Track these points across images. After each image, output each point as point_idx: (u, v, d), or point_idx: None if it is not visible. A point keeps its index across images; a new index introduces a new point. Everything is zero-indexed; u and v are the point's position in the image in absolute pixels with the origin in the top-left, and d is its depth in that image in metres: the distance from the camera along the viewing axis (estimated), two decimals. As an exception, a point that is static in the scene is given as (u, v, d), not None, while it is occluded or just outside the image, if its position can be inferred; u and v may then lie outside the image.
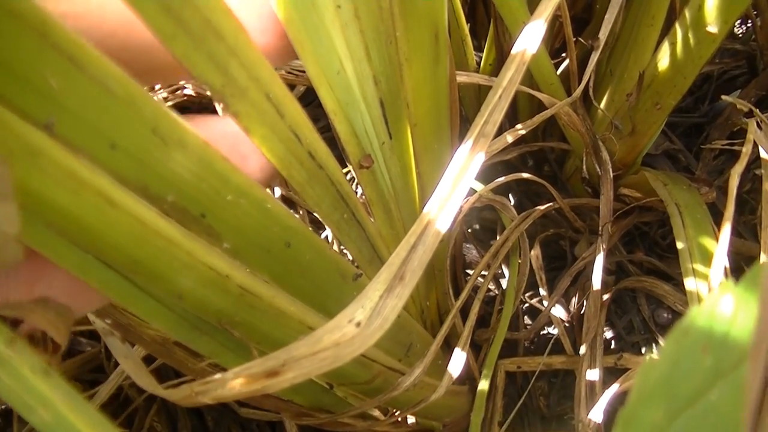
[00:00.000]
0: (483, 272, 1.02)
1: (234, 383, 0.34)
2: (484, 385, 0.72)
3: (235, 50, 0.32)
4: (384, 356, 0.54)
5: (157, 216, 0.32)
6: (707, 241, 0.77)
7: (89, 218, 0.30)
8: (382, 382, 0.55)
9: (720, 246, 0.65)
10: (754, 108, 0.85)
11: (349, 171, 0.96)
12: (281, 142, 0.38)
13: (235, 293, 0.38)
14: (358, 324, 0.32)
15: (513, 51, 0.40)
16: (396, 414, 0.62)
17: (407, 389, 0.54)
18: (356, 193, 0.57)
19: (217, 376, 0.34)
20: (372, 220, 0.56)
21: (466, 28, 0.92)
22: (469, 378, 0.84)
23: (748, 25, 1.21)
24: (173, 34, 0.29)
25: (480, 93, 1.03)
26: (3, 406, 0.81)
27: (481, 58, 1.01)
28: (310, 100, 1.17)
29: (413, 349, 0.60)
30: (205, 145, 0.34)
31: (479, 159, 0.37)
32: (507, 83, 0.39)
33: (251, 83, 0.34)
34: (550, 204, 0.90)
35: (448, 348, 0.75)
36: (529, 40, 0.40)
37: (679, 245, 0.77)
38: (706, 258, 0.74)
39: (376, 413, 0.72)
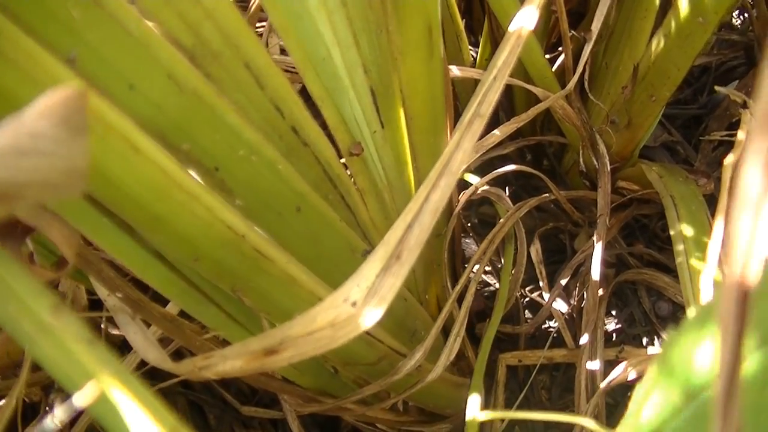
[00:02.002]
0: (485, 268, 1.02)
1: (234, 360, 0.34)
2: (479, 371, 0.72)
3: (212, 14, 0.33)
4: (390, 338, 0.54)
5: (178, 167, 0.33)
6: (701, 233, 0.77)
7: (113, 166, 0.30)
8: (387, 365, 0.55)
9: (714, 236, 0.65)
10: (748, 99, 0.85)
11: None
12: (258, 112, 0.39)
13: (250, 256, 0.38)
14: (354, 304, 0.31)
15: (509, 30, 0.40)
16: (396, 397, 0.62)
17: (409, 372, 0.55)
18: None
19: (218, 351, 0.34)
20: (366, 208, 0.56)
21: (461, 23, 0.93)
22: (471, 371, 0.84)
23: (746, 15, 1.21)
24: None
25: (475, 89, 1.03)
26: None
27: (476, 54, 1.01)
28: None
29: (417, 336, 0.60)
30: (219, 97, 0.34)
31: (474, 137, 0.37)
32: (502, 64, 0.39)
33: (227, 49, 0.35)
34: (546, 195, 0.90)
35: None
36: (523, 21, 0.40)
37: (674, 237, 0.77)
38: (700, 249, 0.74)
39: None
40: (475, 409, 0.61)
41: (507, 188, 1.09)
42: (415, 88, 0.55)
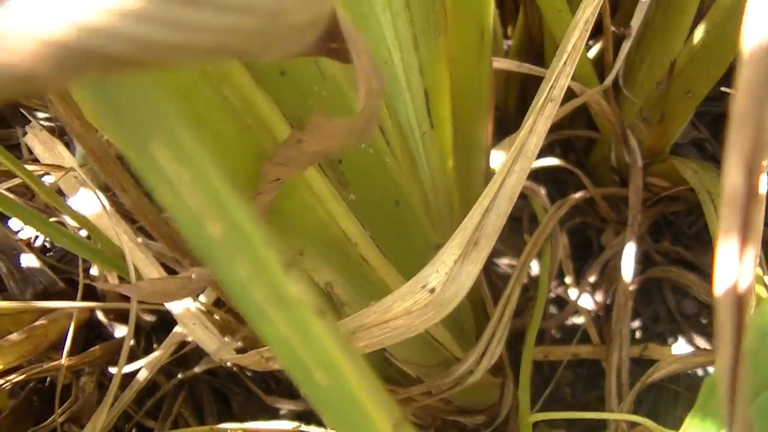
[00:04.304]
0: (508, 261, 1.01)
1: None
2: (525, 371, 0.72)
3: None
4: (453, 343, 0.54)
5: (313, 167, 0.32)
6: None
7: (251, 157, 0.29)
8: (443, 367, 0.55)
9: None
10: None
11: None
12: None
13: (355, 261, 0.38)
14: (432, 290, 0.31)
15: (576, 15, 0.40)
16: (437, 395, 0.62)
17: (461, 375, 0.54)
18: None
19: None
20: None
21: (496, 15, 0.91)
22: (500, 368, 0.84)
23: (777, 12, 1.20)
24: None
25: (509, 80, 1.02)
26: (39, 385, 0.81)
27: (509, 45, 1.00)
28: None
29: (464, 332, 0.60)
30: (349, 84, 0.33)
31: (547, 122, 0.36)
32: (571, 49, 0.38)
33: None
34: (584, 192, 0.89)
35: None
36: (589, 7, 0.40)
37: (713, 233, 0.76)
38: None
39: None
40: (526, 411, 0.61)
41: (534, 182, 1.09)
42: (464, 92, 0.55)
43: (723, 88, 0.83)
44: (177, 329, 0.73)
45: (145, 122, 0.16)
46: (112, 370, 0.85)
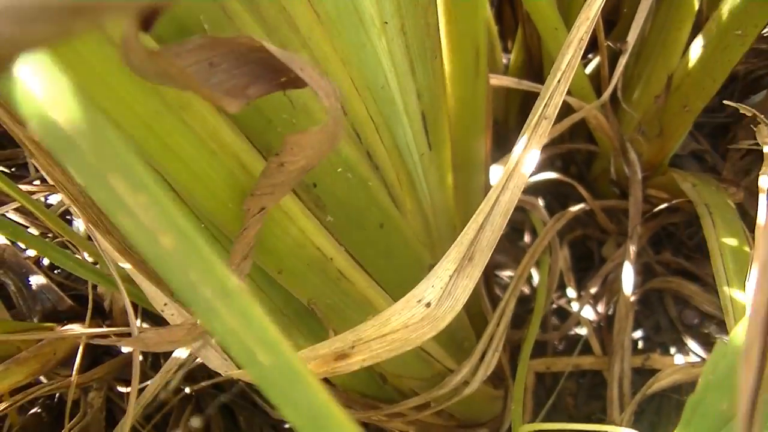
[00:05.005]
0: (510, 273, 1.02)
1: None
2: (519, 384, 0.73)
3: (308, 43, 0.33)
4: (446, 356, 0.55)
5: None
6: (738, 242, 0.77)
7: (217, 178, 0.30)
8: (438, 379, 0.56)
9: (757, 246, 0.65)
10: (758, 113, 0.84)
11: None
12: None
13: (333, 277, 0.39)
14: (428, 304, 0.32)
15: (571, 33, 0.41)
16: (435, 407, 0.63)
17: (456, 387, 0.55)
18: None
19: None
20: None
21: (495, 30, 0.93)
22: (501, 379, 0.85)
23: (774, 24, 1.21)
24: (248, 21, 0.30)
25: (508, 96, 1.03)
26: (48, 401, 0.83)
27: (508, 59, 1.02)
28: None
29: (462, 347, 0.61)
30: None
31: (541, 140, 0.37)
32: (565, 67, 0.39)
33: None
34: (582, 205, 0.90)
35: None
36: (583, 26, 0.41)
37: (711, 246, 0.77)
38: (738, 258, 0.74)
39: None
40: (518, 422, 0.61)
41: (537, 195, 1.09)
42: (461, 111, 0.55)
43: (724, 101, 0.84)
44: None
45: (103, 161, 0.18)
46: (120, 388, 0.86)
